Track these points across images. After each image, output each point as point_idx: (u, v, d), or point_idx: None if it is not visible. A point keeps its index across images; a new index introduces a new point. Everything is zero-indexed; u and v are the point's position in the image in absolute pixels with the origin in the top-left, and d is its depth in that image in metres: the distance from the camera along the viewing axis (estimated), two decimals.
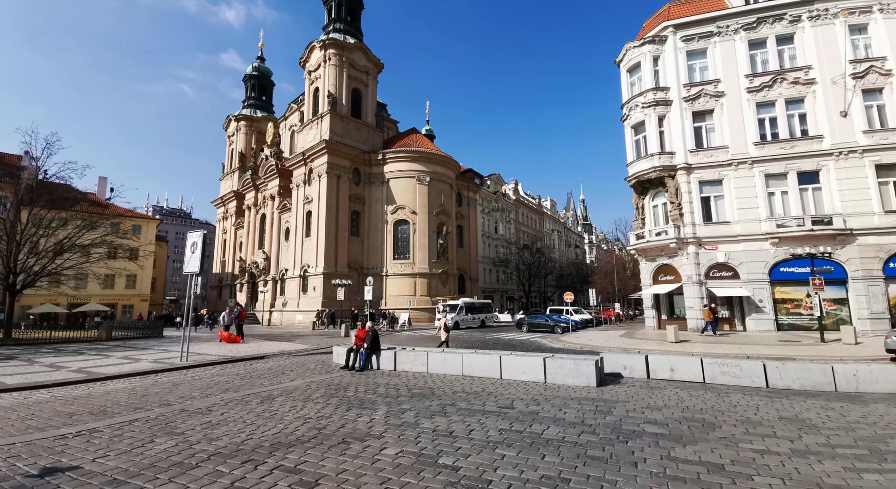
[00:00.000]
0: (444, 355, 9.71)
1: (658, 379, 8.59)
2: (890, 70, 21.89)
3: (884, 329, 20.24)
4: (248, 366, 12.40)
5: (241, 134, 61.79)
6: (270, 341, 21.01)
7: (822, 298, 22.40)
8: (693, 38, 25.75)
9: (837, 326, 21.53)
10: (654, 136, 25.56)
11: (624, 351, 16.06)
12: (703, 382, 8.16)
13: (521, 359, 8.79)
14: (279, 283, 45.88)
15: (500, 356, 8.95)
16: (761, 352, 14.29)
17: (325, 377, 9.88)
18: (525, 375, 8.55)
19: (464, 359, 9.38)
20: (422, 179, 43.97)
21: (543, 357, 8.58)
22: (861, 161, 21.89)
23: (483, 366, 9.12)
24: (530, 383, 8.39)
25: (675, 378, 8.41)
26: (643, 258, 26.88)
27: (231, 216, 60.62)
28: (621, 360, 9.07)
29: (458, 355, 9.59)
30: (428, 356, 9.92)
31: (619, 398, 6.99)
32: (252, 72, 65.35)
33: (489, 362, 9.08)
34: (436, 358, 9.82)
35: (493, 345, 18.99)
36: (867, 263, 21.12)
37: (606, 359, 9.10)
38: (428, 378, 9.30)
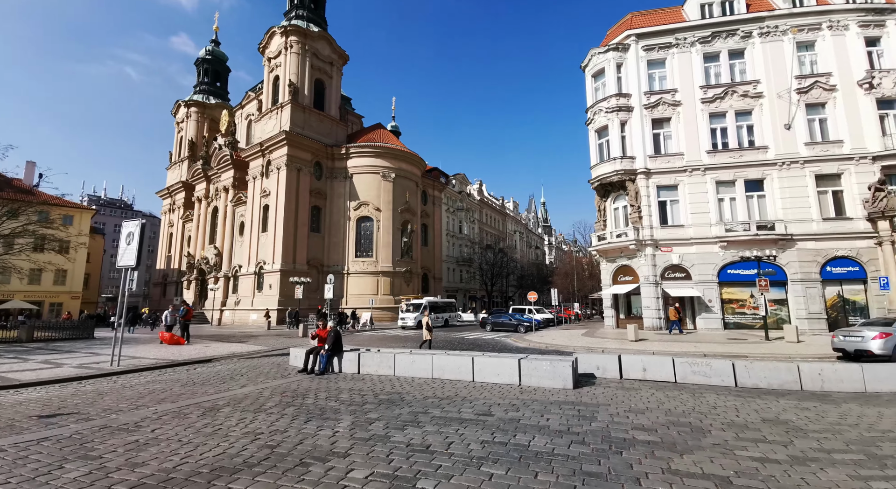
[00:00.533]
0: (413, 357, 9.11)
1: (631, 379, 8.46)
2: (834, 85, 23.62)
3: (820, 328, 21.81)
4: (192, 370, 11.17)
5: (192, 121, 57.83)
6: (220, 342, 19.44)
7: (765, 299, 23.95)
8: (653, 48, 26.63)
9: (778, 325, 23.01)
10: (616, 141, 26.19)
11: (588, 350, 16.13)
12: (674, 382, 8.11)
13: (495, 360, 8.40)
14: (232, 281, 43.20)
15: (472, 357, 8.49)
16: (716, 350, 14.78)
17: (280, 382, 8.97)
18: (499, 377, 8.14)
19: (434, 361, 8.84)
20: (387, 176, 42.94)
21: (518, 358, 8.21)
22: (802, 171, 23.47)
23: (454, 369, 8.62)
24: (504, 386, 8.00)
25: (648, 378, 8.32)
26: (604, 259, 27.50)
27: (179, 208, 56.54)
28: (594, 361, 8.88)
29: (427, 357, 9.02)
30: (395, 358, 9.27)
31: (599, 401, 6.72)
32: (205, 55, 61.33)
33: (461, 364, 8.60)
34: (403, 360, 9.20)
35: (458, 345, 18.55)
36: (806, 267, 22.64)
37: (580, 360, 8.87)
38: (395, 382, 8.67)
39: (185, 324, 18.77)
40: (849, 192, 22.93)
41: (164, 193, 60.24)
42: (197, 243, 50.43)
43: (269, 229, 39.47)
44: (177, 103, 60.70)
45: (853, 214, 22.60)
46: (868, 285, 22.08)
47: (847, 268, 22.44)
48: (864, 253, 22.12)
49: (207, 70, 62.08)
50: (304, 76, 42.03)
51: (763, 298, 18.78)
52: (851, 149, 23.03)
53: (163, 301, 52.93)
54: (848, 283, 22.48)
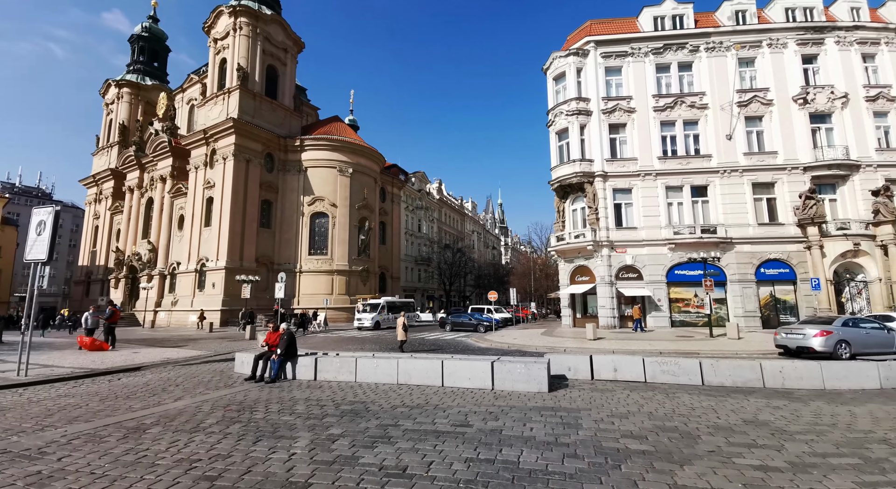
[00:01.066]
0: (376, 361, 8.38)
1: (603, 380, 8.30)
2: (771, 100, 25.48)
3: (755, 326, 23.42)
4: (115, 381, 9.71)
5: (124, 103, 52.66)
6: (152, 347, 17.46)
7: (700, 299, 25.40)
8: (611, 56, 27.47)
9: (718, 323, 24.51)
10: (576, 143, 26.72)
11: (550, 349, 16.11)
12: (644, 382, 8.05)
13: (467, 363, 7.89)
14: (168, 279, 39.66)
15: (442, 361, 7.92)
16: (669, 347, 15.27)
17: (223, 393, 7.89)
18: (470, 382, 7.64)
19: (400, 366, 8.17)
20: (344, 170, 41.34)
21: (491, 361, 7.76)
22: (741, 179, 25.15)
23: (422, 373, 8.01)
24: (477, 391, 7.51)
25: (619, 378, 8.20)
26: (562, 259, 27.99)
27: (106, 198, 51.25)
28: (565, 362, 8.64)
29: (392, 361, 8.33)
30: (356, 363, 8.48)
31: (579, 405, 6.41)
32: (141, 32, 56.14)
33: (429, 368, 8.01)
34: (366, 364, 8.43)
35: (419, 347, 17.93)
36: (743, 268, 24.26)
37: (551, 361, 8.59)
38: (357, 389, 7.90)
39: (110, 326, 16.63)
40: (781, 200, 24.87)
41: (90, 182, 54.41)
42: (127, 237, 45.90)
43: (213, 223, 36.62)
44: (106, 82, 55.02)
45: (785, 220, 24.54)
46: (798, 286, 24.04)
47: (779, 269, 24.31)
48: (794, 256, 24.07)
49: (143, 48, 56.88)
50: (254, 61, 39.44)
51: (708, 298, 19.80)
52: (785, 159, 25.00)
53: (86, 301, 47.63)
54: (780, 284, 24.37)
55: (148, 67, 56.34)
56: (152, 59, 57.74)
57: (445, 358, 8.37)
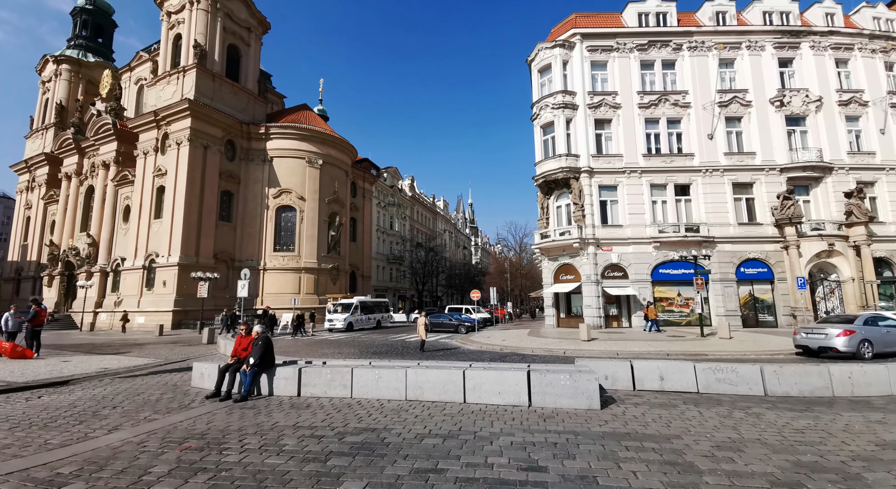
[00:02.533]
0: (377, 372, 6.73)
1: (648, 390, 7.09)
2: (750, 101, 25.72)
3: (736, 324, 23.37)
4: (35, 400, 7.53)
5: (63, 81, 47.27)
6: (88, 354, 14.80)
7: (688, 298, 25.30)
8: (597, 50, 26.93)
9: (700, 322, 24.46)
10: (562, 138, 25.94)
11: (548, 351, 14.99)
12: (697, 392, 6.92)
13: (495, 374, 6.41)
14: (111, 276, 35.61)
15: (463, 371, 6.39)
16: (670, 348, 14.49)
17: (178, 419, 6.02)
18: (501, 397, 6.18)
19: (409, 377, 6.62)
20: (313, 162, 38.76)
21: (527, 370, 6.33)
22: (722, 179, 25.24)
23: (438, 386, 6.48)
24: (511, 409, 6.09)
25: (667, 388, 7.04)
26: (546, 257, 27.15)
27: (40, 186, 45.77)
28: (599, 369, 7.36)
29: (397, 371, 6.70)
30: (352, 374, 6.85)
31: (660, 431, 5.05)
32: (85, 4, 50.71)
33: (447, 380, 6.46)
34: (365, 376, 6.81)
35: (402, 350, 16.30)
36: (724, 267, 24.29)
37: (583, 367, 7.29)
38: (358, 409, 6.29)
39: (35, 330, 13.86)
40: (759, 200, 25.16)
41: (22, 168, 48.48)
42: (63, 230, 41.03)
43: (164, 215, 33.11)
44: (44, 58, 49.25)
45: (763, 220, 24.83)
46: (775, 285, 24.36)
47: (757, 269, 24.54)
48: (772, 255, 24.37)
49: (86, 22, 51.46)
50: (213, 39, 36.16)
51: (700, 297, 19.40)
52: (762, 160, 25.32)
53: (16, 300, 42.12)
54: (758, 283, 24.61)
55: (91, 43, 51.03)
56: (96, 35, 52.39)
57: (464, 366, 6.84)
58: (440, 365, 7.27)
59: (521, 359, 13.22)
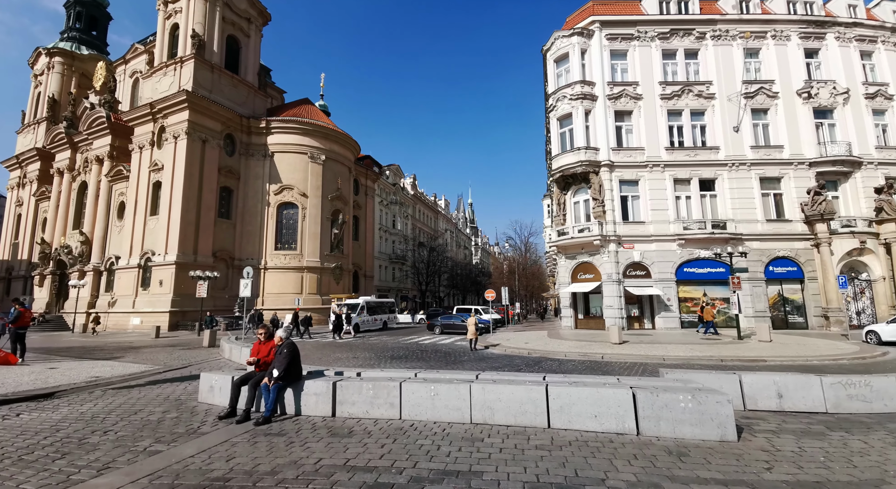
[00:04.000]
0: (433, 387, 5.38)
1: (765, 410, 5.78)
2: (776, 92, 24.62)
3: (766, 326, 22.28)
4: (11, 419, 6.22)
5: (56, 74, 45.75)
6: (78, 359, 13.42)
7: (714, 298, 24.16)
8: (616, 38, 25.77)
9: (728, 324, 23.34)
10: (580, 130, 24.75)
11: (584, 355, 13.74)
12: (826, 412, 5.70)
13: (589, 392, 5.08)
14: (105, 276, 34.11)
15: (546, 387, 5.09)
16: (722, 353, 13.27)
17: (187, 452, 4.71)
18: (598, 422, 4.88)
19: (475, 394, 5.31)
20: (316, 157, 37.39)
21: (630, 387, 5.05)
22: (749, 173, 24.11)
23: (513, 406, 5.17)
24: (615, 438, 4.83)
25: (787, 408, 5.79)
26: (563, 255, 25.93)
27: (32, 183, 44.19)
28: (700, 382, 6.05)
29: (458, 387, 5.41)
30: (401, 389, 5.54)
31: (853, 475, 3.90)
32: None
33: (525, 398, 5.15)
34: (417, 392, 5.51)
35: (421, 354, 15.01)
36: (752, 266, 23.10)
37: (672, 380, 6.05)
38: (417, 437, 4.98)
39: (19, 333, 12.47)
40: (788, 196, 24.05)
41: (13, 163, 46.88)
42: (55, 227, 39.47)
43: (161, 212, 31.66)
44: (36, 51, 47.70)
45: (792, 217, 23.71)
46: (805, 284, 23.24)
47: (787, 268, 23.41)
48: (802, 254, 23.26)
49: (80, 14, 49.97)
50: (212, 29, 34.78)
51: (736, 296, 18.20)
52: (790, 154, 24.21)
53: (6, 301, 40.61)
54: (787, 283, 23.48)
55: (85, 35, 49.52)
56: (90, 27, 50.86)
57: (554, 381, 5.47)
58: (510, 378, 5.94)
59: (558, 366, 11.98)
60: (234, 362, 12.55)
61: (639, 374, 9.91)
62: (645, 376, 7.71)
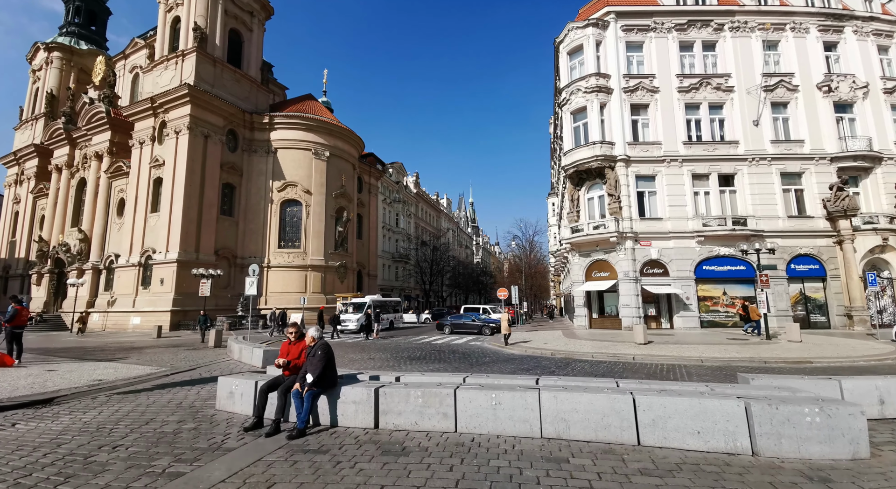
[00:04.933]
0: (494, 396, 4.55)
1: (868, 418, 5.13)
2: (797, 86, 23.95)
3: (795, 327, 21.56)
4: (5, 431, 5.49)
5: (54, 69, 44.88)
6: (79, 360, 12.67)
7: (734, 297, 23.49)
8: (632, 30, 25.07)
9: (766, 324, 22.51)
10: (595, 124, 24.04)
11: (613, 356, 13.03)
12: None
13: (689, 403, 4.29)
14: (104, 274, 33.31)
15: (632, 396, 4.40)
16: (762, 355, 12.58)
17: (216, 475, 3.93)
18: (701, 439, 4.07)
19: (545, 402, 4.56)
20: (320, 154, 36.62)
21: (743, 399, 4.25)
22: (769, 168, 23.43)
23: (593, 418, 4.43)
24: (726, 459, 4.03)
25: (889, 415, 5.11)
26: (576, 253, 25.21)
27: (29, 179, 43.33)
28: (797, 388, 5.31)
29: (525, 395, 4.66)
30: (455, 397, 4.82)
31: None
32: None
33: (608, 409, 4.42)
34: (475, 401, 4.76)
35: (439, 355, 14.29)
36: (774, 263, 22.43)
37: (768, 387, 5.31)
38: (486, 456, 4.19)
39: (14, 332, 11.71)
40: (809, 191, 23.37)
41: (10, 160, 46.01)
42: (53, 225, 38.64)
43: (162, 209, 30.87)
44: (35, 46, 46.82)
45: (813, 213, 23.04)
46: (828, 283, 22.57)
47: (809, 265, 22.74)
48: (824, 251, 22.59)
49: (79, 9, 49.10)
50: (214, 22, 33.99)
51: (765, 295, 17.52)
52: (811, 149, 23.55)
53: (3, 299, 39.76)
54: (809, 281, 22.80)
55: (84, 30, 48.64)
56: (89, 22, 49.99)
57: (639, 390, 4.63)
58: (588, 385, 5.15)
59: (591, 368, 11.27)
60: (245, 364, 11.81)
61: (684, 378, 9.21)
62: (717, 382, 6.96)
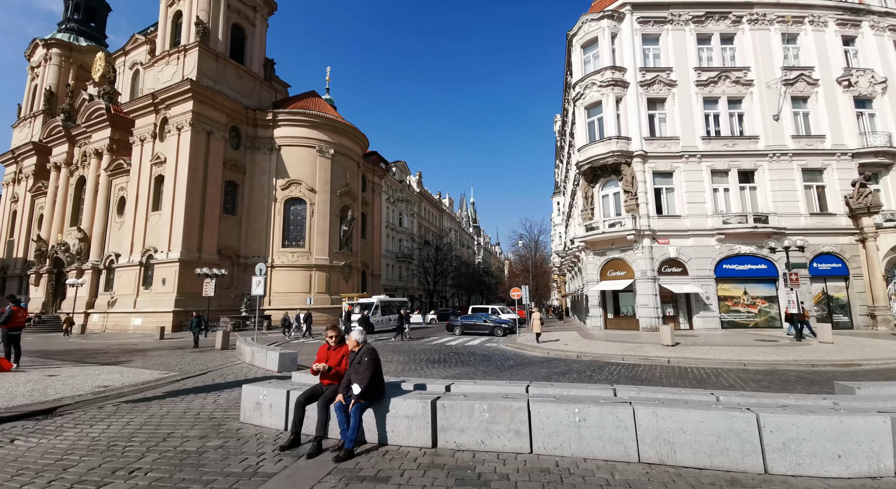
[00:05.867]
0: (577, 411, 3.94)
1: None
2: (817, 80, 23.33)
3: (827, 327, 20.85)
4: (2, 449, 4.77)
5: (53, 65, 44.15)
6: (81, 364, 11.94)
7: (754, 296, 22.87)
8: (648, 22, 24.43)
9: (769, 324, 22.03)
10: (611, 119, 23.39)
11: (645, 359, 12.36)
12: None
13: (827, 421, 3.58)
14: (104, 274, 32.54)
15: (755, 415, 3.63)
16: (804, 357, 11.92)
17: None
18: (843, 463, 3.41)
19: (642, 420, 3.85)
20: (324, 151, 35.93)
21: (887, 414, 3.55)
22: (791, 164, 22.79)
23: (705, 440, 3.71)
24: (858, 485, 3.38)
25: None
26: (591, 252, 24.54)
27: (27, 178, 42.55)
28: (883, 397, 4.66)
29: (616, 409, 3.98)
30: (529, 411, 4.14)
31: None
32: None
33: (723, 429, 3.69)
34: (554, 416, 4.08)
35: (459, 358, 13.59)
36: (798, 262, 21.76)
37: (863, 396, 4.65)
38: (582, 486, 3.51)
39: (11, 335, 10.97)
40: (831, 188, 22.74)
41: (8, 158, 45.24)
42: (52, 224, 37.86)
43: (163, 207, 30.14)
44: (33, 42, 46.11)
45: (835, 210, 22.41)
46: (850, 282, 21.93)
47: (831, 264, 22.10)
48: (847, 249, 21.96)
49: (79, 5, 48.41)
50: (217, 16, 33.30)
51: (795, 294, 16.88)
52: (832, 145, 22.92)
53: (1, 300, 38.94)
54: (832, 280, 22.17)
55: (83, 27, 47.94)
56: (89, 18, 49.27)
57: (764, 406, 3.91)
58: (689, 398, 4.40)
59: (628, 372, 10.59)
60: (258, 367, 11.10)
61: (741, 386, 8.53)
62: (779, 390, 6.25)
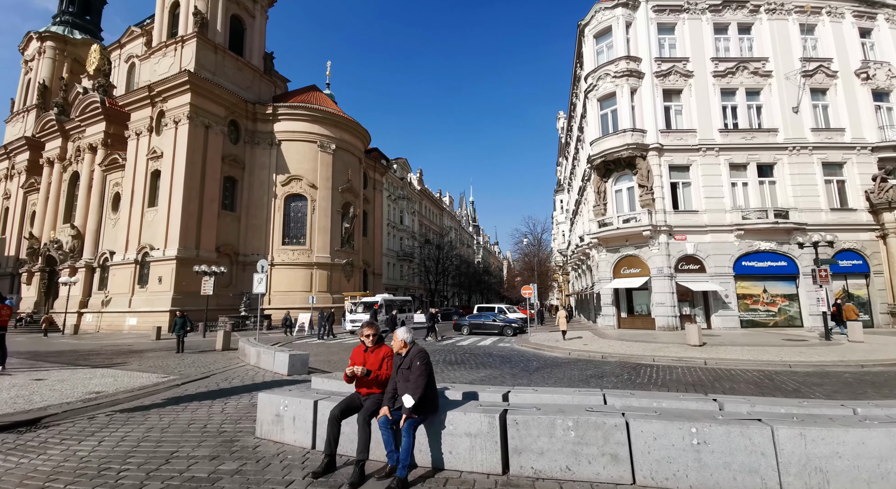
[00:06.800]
0: (693, 430, 3.03)
1: None
2: (836, 72, 22.65)
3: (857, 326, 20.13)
4: None
5: (47, 59, 43.06)
6: (71, 366, 11.02)
7: (774, 294, 22.16)
8: (664, 10, 23.67)
9: (790, 323, 21.31)
10: (626, 111, 22.62)
11: (679, 360, 11.59)
12: None
13: None
14: (98, 272, 31.49)
15: None
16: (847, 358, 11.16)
17: None
18: None
19: (784, 443, 2.92)
20: (325, 146, 35.00)
21: None
22: (810, 157, 22.09)
23: (865, 465, 2.81)
24: None
25: None
26: (603, 248, 23.76)
27: (20, 174, 41.40)
28: None
29: (747, 429, 3.04)
30: (629, 430, 3.23)
31: None
32: None
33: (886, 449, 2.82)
34: (664, 436, 3.16)
35: (476, 359, 12.75)
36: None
37: None
38: None
39: None
40: (851, 183, 22.06)
41: (0, 154, 43.99)
42: (45, 221, 36.77)
43: (160, 203, 29.15)
44: (27, 36, 44.95)
45: (856, 205, 21.73)
46: (871, 279, 21.26)
47: (852, 261, 21.40)
48: (868, 246, 21.30)
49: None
50: (216, 7, 32.35)
51: (825, 292, 16.13)
52: (852, 138, 22.24)
53: None
54: (852, 277, 21.49)
55: (78, 19, 46.87)
56: (84, 11, 48.17)
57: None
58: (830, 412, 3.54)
59: (668, 374, 9.79)
60: (265, 370, 10.22)
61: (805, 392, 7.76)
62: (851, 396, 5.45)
